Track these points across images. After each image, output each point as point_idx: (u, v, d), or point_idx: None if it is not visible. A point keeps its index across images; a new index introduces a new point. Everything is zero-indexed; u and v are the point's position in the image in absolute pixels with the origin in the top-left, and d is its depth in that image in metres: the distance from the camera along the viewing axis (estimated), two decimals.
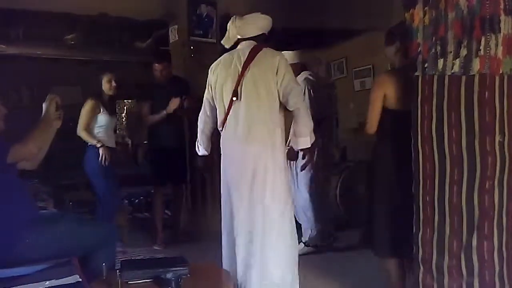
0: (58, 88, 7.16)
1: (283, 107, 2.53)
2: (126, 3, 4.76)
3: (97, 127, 3.82)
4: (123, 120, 8.18)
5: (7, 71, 6.02)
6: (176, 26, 4.83)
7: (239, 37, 2.60)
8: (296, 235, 2.59)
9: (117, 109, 7.57)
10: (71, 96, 6.95)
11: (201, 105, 2.77)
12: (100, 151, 3.74)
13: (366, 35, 6.24)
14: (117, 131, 5.55)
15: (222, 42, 2.68)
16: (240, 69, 2.47)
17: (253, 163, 2.47)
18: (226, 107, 2.53)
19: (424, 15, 2.09)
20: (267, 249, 2.46)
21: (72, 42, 5.93)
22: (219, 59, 2.67)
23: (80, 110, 3.85)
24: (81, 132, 3.73)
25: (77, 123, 3.78)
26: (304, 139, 2.53)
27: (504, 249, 2.05)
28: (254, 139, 2.47)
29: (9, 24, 5.34)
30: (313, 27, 5.54)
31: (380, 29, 3.74)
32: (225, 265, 2.60)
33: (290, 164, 3.41)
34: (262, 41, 2.60)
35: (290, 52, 3.71)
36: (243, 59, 2.49)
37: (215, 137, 2.82)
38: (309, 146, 2.55)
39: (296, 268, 2.54)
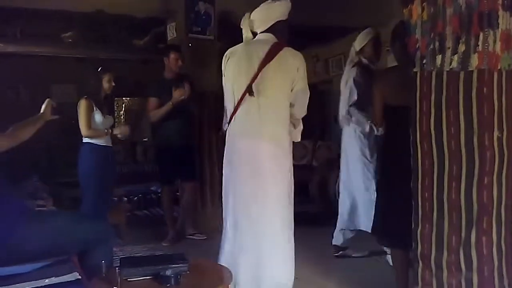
0: (56, 86, 7.20)
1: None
2: (124, 0, 4.75)
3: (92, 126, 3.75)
4: (122, 118, 8.17)
5: (5, 69, 6.02)
6: (174, 23, 4.82)
7: (254, 31, 2.55)
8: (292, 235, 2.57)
9: (115, 107, 7.60)
10: (69, 94, 6.98)
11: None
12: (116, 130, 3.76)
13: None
14: None
15: (243, 41, 2.58)
16: (257, 65, 2.42)
17: (264, 160, 2.44)
18: (237, 101, 2.48)
19: (422, 11, 2.08)
20: (271, 246, 2.44)
21: (70, 40, 5.92)
22: (234, 48, 2.58)
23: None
24: (87, 132, 3.62)
25: (78, 122, 3.70)
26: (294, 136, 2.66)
27: (503, 244, 2.05)
28: (267, 137, 2.44)
29: (6, 22, 5.32)
30: (311, 23, 5.54)
31: (378, 25, 3.75)
32: (225, 259, 2.53)
33: None
34: (280, 30, 2.53)
35: None
36: (262, 55, 2.43)
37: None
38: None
39: (293, 269, 2.53)
